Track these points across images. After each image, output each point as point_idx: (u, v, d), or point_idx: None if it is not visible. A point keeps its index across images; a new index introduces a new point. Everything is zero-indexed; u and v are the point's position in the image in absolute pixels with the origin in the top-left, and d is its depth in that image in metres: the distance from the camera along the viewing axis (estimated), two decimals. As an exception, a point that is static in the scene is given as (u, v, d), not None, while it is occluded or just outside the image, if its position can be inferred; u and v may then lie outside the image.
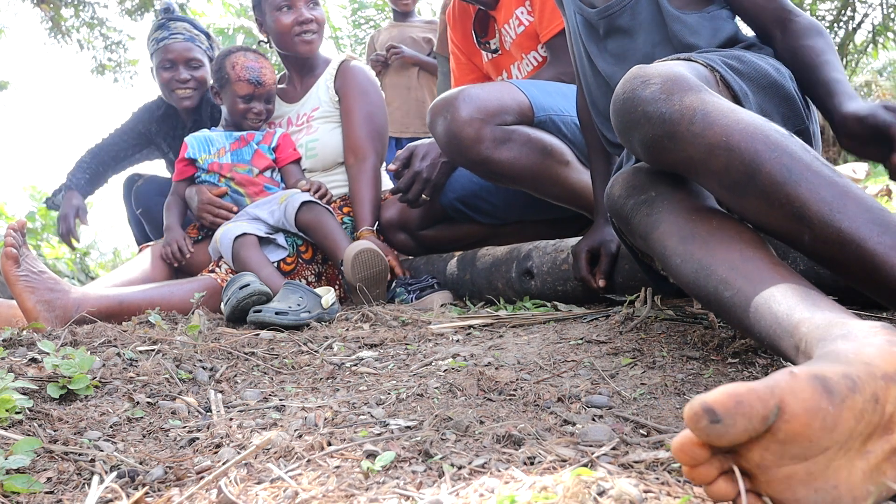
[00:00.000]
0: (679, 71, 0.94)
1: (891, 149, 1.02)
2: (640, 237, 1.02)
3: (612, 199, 1.09)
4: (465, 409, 0.89)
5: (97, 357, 1.17)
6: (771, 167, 0.83)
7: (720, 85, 1.08)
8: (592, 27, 1.44)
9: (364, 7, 9.25)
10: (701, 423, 0.51)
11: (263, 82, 2.34)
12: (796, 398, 0.52)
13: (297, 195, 2.17)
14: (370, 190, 2.32)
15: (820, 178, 0.82)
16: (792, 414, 0.51)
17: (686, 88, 0.91)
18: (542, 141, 1.86)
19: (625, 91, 0.96)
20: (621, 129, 0.99)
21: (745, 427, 0.51)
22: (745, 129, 0.86)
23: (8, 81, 8.93)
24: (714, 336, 1.14)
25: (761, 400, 0.51)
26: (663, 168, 0.98)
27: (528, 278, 1.76)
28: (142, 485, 0.72)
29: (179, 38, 2.64)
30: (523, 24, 2.15)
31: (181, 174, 2.41)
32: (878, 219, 0.79)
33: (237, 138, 2.38)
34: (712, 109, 0.88)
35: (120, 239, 9.43)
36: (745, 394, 0.51)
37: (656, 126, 0.91)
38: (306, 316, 1.63)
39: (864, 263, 0.78)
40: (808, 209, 0.81)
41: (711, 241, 0.88)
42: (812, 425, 0.52)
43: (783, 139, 0.85)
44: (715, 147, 0.86)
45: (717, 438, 0.51)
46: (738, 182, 0.86)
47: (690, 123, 0.88)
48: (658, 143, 0.92)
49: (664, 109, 0.90)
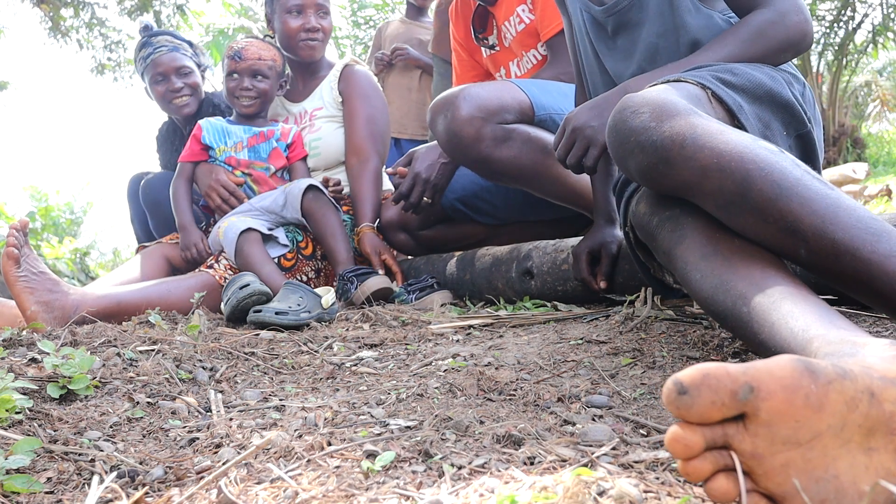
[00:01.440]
0: (666, 97, 0.96)
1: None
2: (663, 252, 1.03)
3: (638, 215, 1.10)
4: (465, 409, 0.89)
5: (97, 357, 1.17)
6: (762, 185, 0.84)
7: (713, 101, 1.09)
8: (600, 25, 1.44)
9: (364, 7, 9.26)
10: (671, 397, 0.51)
11: (243, 56, 2.32)
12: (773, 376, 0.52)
13: (303, 181, 2.19)
14: (371, 189, 2.33)
15: (811, 191, 0.83)
16: (768, 391, 0.52)
17: (674, 114, 0.93)
18: (543, 140, 1.86)
19: (615, 122, 0.99)
20: (617, 158, 1.01)
21: (712, 399, 0.51)
22: (734, 149, 0.87)
23: (8, 81, 8.94)
24: (714, 336, 1.14)
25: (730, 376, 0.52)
26: (662, 192, 1.00)
27: (528, 278, 1.76)
28: (142, 485, 0.72)
29: (164, 49, 2.67)
30: (524, 21, 2.15)
31: (192, 156, 2.36)
32: (870, 228, 0.80)
33: (255, 133, 2.36)
34: (701, 133, 0.90)
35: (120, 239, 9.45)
36: (714, 370, 0.52)
37: (649, 154, 0.93)
38: (306, 316, 1.63)
39: (859, 273, 0.79)
40: (802, 223, 0.82)
41: (733, 258, 0.88)
42: (794, 402, 0.52)
43: (772, 156, 0.87)
44: (707, 169, 0.88)
45: (686, 410, 0.51)
46: (731, 201, 0.87)
47: (682, 148, 0.90)
48: (653, 169, 0.94)
49: (655, 137, 0.92)
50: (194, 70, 2.71)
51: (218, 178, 2.30)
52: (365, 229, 2.24)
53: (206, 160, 2.37)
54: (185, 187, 2.37)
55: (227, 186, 2.29)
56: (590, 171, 1.33)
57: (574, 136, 1.33)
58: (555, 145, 1.39)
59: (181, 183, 2.37)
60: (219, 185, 2.29)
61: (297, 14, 2.40)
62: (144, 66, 2.69)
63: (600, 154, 1.30)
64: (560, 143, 1.37)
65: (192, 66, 2.70)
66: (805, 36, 1.25)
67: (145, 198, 2.76)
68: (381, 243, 2.21)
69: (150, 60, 2.66)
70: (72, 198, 8.09)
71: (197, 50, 2.79)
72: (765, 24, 1.23)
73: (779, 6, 1.23)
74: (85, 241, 7.63)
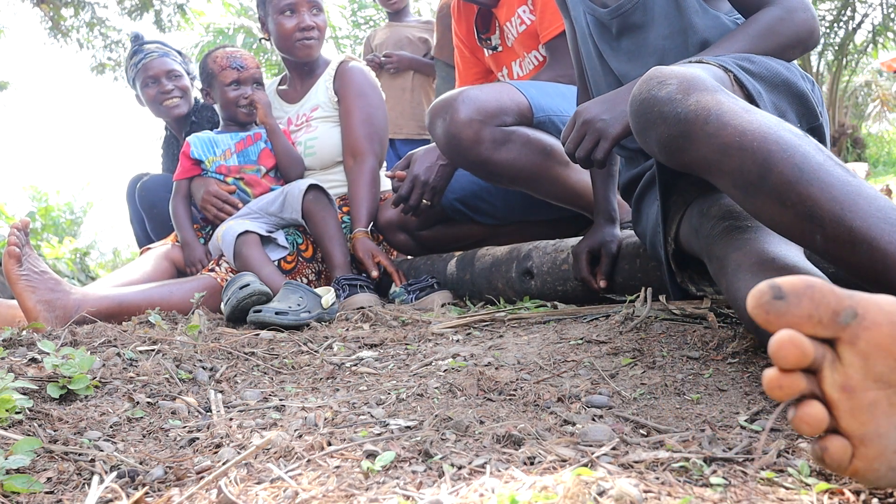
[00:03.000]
0: (695, 72, 0.95)
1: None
2: (717, 257, 1.03)
3: (709, 216, 1.09)
4: (465, 409, 0.89)
5: (97, 357, 1.17)
6: (783, 167, 0.83)
7: (735, 85, 1.08)
8: (605, 27, 1.44)
9: (364, 7, 9.26)
10: (763, 300, 0.48)
11: (246, 66, 2.37)
12: (880, 308, 0.49)
13: (303, 181, 2.20)
14: (368, 191, 2.32)
15: (832, 177, 0.81)
16: (873, 321, 0.48)
17: (702, 89, 0.92)
18: (542, 141, 1.86)
19: (641, 92, 0.98)
20: (638, 128, 0.99)
21: (810, 312, 0.48)
22: (757, 129, 0.86)
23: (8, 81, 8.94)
24: (714, 336, 1.14)
25: (835, 295, 0.48)
26: (679, 168, 0.99)
27: (528, 278, 1.76)
28: (142, 485, 0.72)
29: (155, 55, 2.73)
30: (525, 22, 2.15)
31: (184, 172, 2.40)
32: (890, 218, 0.78)
33: (242, 138, 2.39)
34: (727, 110, 0.89)
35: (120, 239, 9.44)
36: (820, 284, 0.49)
37: (672, 126, 0.92)
38: (306, 316, 1.63)
39: (875, 263, 0.77)
40: (820, 208, 0.80)
41: (787, 272, 0.87)
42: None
43: (796, 139, 0.85)
44: (728, 147, 0.87)
45: (776, 317, 0.48)
46: (751, 182, 0.86)
47: (705, 123, 0.89)
48: (673, 142, 0.93)
49: (680, 109, 0.91)
50: (183, 75, 2.77)
51: (209, 191, 2.31)
52: (358, 235, 2.23)
53: (199, 174, 2.39)
54: (183, 204, 2.39)
55: (219, 196, 2.30)
56: (599, 164, 1.31)
57: (584, 129, 1.30)
58: (563, 138, 1.36)
59: (179, 200, 2.40)
60: (211, 197, 2.30)
61: (290, 14, 2.40)
62: (136, 71, 2.74)
63: (611, 147, 1.28)
64: (569, 136, 1.34)
65: (181, 71, 2.76)
66: (813, 33, 1.24)
67: (141, 200, 2.77)
68: (373, 247, 2.21)
69: (141, 65, 2.71)
70: (72, 198, 8.10)
71: (186, 59, 2.85)
72: (774, 21, 1.23)
73: (786, 3, 1.23)
74: (85, 241, 7.63)
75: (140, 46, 2.74)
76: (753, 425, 0.79)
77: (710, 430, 0.77)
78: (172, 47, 2.82)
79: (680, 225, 1.22)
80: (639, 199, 1.47)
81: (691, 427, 0.79)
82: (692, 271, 1.28)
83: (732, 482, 0.63)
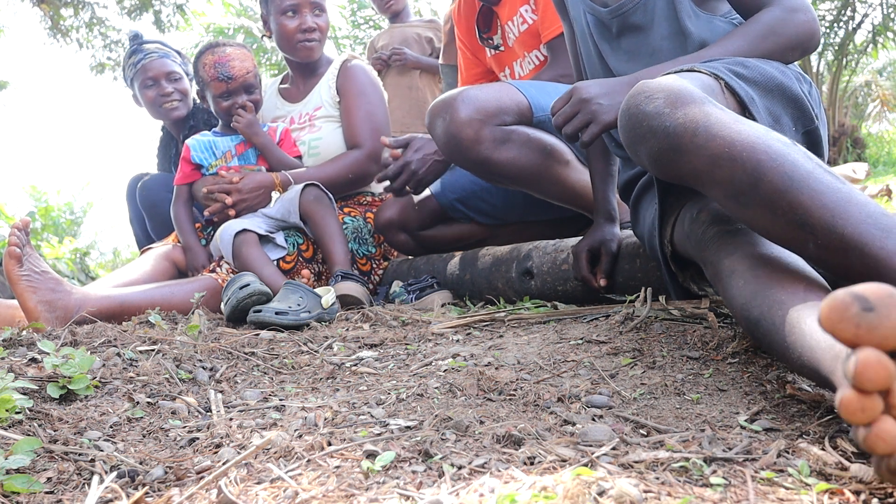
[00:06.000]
0: (681, 84, 0.95)
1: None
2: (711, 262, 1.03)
3: (699, 221, 1.10)
4: (465, 409, 0.89)
5: (97, 357, 1.17)
6: (773, 176, 0.83)
7: (726, 92, 1.08)
8: (605, 26, 1.44)
9: (364, 7, 9.26)
10: (850, 311, 0.45)
11: (234, 76, 2.30)
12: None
13: (299, 185, 2.19)
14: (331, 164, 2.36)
15: (822, 184, 0.82)
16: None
17: (689, 101, 0.92)
18: (542, 141, 1.86)
19: (629, 107, 0.98)
20: (628, 143, 1.00)
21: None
22: (746, 139, 0.86)
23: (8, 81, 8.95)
24: (714, 336, 1.14)
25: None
26: (672, 181, 0.99)
27: (528, 278, 1.76)
28: (142, 485, 0.72)
29: (154, 56, 2.70)
30: (527, 21, 2.15)
31: (185, 178, 2.38)
32: (881, 224, 0.78)
33: (242, 140, 2.38)
34: (715, 122, 0.89)
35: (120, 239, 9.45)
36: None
37: (661, 140, 0.92)
38: (306, 316, 1.63)
39: (867, 269, 0.78)
40: (811, 216, 0.81)
41: (781, 274, 0.87)
42: None
43: (785, 148, 0.86)
44: (718, 158, 0.87)
45: (868, 331, 0.45)
46: (741, 192, 0.86)
47: (694, 136, 0.89)
48: (664, 156, 0.93)
49: (668, 123, 0.92)
50: (183, 77, 2.75)
51: (206, 185, 2.31)
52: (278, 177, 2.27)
53: (199, 178, 2.38)
54: (185, 209, 2.37)
55: (216, 182, 2.29)
56: (584, 145, 1.30)
57: (578, 107, 1.29)
58: (554, 109, 1.34)
59: (180, 205, 2.38)
60: (208, 186, 2.29)
61: (292, 14, 2.39)
62: (134, 71, 2.72)
63: (600, 133, 1.27)
64: (560, 108, 1.32)
65: (180, 73, 2.75)
66: (813, 34, 1.24)
67: (142, 200, 2.77)
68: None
69: (140, 66, 2.69)
70: (72, 198, 8.09)
71: (185, 59, 2.83)
72: (774, 22, 1.23)
73: (787, 4, 1.23)
74: (85, 241, 7.63)
75: (139, 46, 2.73)
76: (753, 425, 0.79)
77: (710, 430, 0.77)
78: (172, 48, 2.81)
79: (674, 229, 1.22)
80: (636, 201, 1.47)
81: (691, 427, 0.79)
82: (693, 271, 1.28)
83: (732, 482, 0.63)
